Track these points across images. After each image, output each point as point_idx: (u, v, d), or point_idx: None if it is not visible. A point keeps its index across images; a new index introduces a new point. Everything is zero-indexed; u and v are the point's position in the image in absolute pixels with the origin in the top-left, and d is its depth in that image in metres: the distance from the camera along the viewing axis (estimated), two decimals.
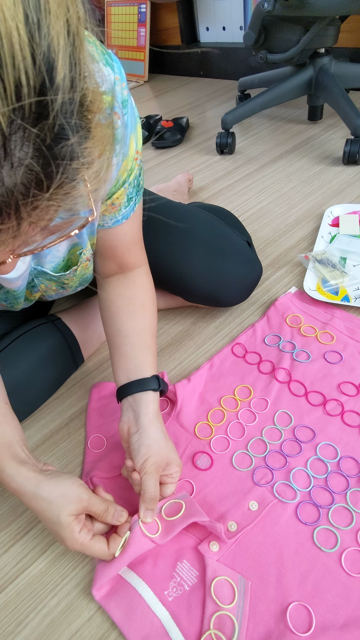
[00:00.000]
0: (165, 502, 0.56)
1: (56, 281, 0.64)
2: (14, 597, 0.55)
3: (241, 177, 1.37)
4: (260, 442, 0.65)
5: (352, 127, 1.24)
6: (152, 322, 0.65)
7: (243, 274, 0.81)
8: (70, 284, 0.66)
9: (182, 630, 0.48)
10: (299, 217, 1.13)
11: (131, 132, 0.52)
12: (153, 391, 0.59)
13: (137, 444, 0.56)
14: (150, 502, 0.54)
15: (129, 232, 0.62)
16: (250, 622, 0.48)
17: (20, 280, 0.58)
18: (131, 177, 0.56)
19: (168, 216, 0.81)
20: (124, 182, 0.56)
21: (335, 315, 0.82)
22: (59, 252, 0.58)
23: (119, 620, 0.50)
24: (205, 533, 0.55)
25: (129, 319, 0.64)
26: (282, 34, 1.31)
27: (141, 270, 0.67)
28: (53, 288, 0.66)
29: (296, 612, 0.49)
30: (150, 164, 1.57)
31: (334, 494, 0.58)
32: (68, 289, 0.69)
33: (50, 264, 0.60)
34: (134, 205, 0.60)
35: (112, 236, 0.62)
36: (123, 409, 0.60)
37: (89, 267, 0.66)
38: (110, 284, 0.67)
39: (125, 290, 0.66)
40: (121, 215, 0.59)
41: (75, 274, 0.63)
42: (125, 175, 0.55)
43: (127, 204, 0.59)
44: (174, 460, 0.58)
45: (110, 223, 0.59)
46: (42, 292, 0.68)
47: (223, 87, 2.14)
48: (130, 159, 0.54)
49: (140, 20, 2.33)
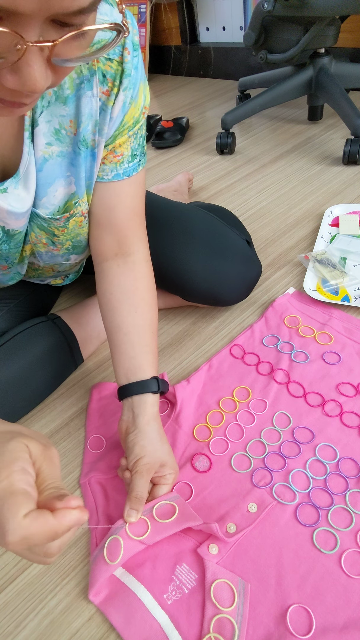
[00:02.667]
0: (157, 502, 0.56)
1: (47, 229, 0.61)
2: (14, 597, 0.55)
3: (241, 177, 1.37)
4: (259, 444, 0.65)
5: (352, 127, 1.24)
6: (152, 317, 0.65)
7: (242, 272, 0.80)
8: (60, 239, 0.63)
9: (181, 633, 0.48)
10: (299, 217, 1.13)
11: (141, 79, 0.55)
12: (152, 393, 0.60)
13: (132, 443, 0.57)
14: (135, 501, 0.53)
15: (129, 195, 0.62)
16: (250, 625, 0.48)
17: (24, 219, 0.57)
18: (136, 127, 0.57)
19: (168, 215, 0.81)
20: (129, 129, 0.57)
21: (334, 316, 0.82)
22: (55, 198, 0.57)
23: (119, 625, 0.50)
24: (204, 536, 0.55)
25: (129, 314, 0.63)
26: (282, 34, 1.31)
27: (141, 255, 0.66)
28: (43, 241, 0.63)
29: (296, 614, 0.49)
30: (150, 164, 1.57)
31: (333, 495, 0.58)
32: (58, 247, 0.65)
33: (46, 209, 0.58)
34: (137, 165, 0.60)
35: (112, 194, 0.61)
36: (124, 408, 0.61)
37: (83, 227, 0.63)
38: (109, 272, 0.65)
39: (124, 281, 0.64)
40: (122, 170, 0.59)
41: (67, 224, 0.61)
42: (132, 122, 0.56)
43: (130, 159, 0.59)
44: (169, 462, 0.58)
45: (110, 176, 0.59)
46: (32, 245, 0.64)
47: (223, 87, 2.14)
48: (138, 108, 0.56)
49: (140, 20, 2.33)
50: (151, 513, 0.55)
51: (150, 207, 0.71)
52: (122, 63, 0.51)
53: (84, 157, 0.55)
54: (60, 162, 0.54)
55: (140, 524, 0.54)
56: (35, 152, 0.52)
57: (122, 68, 0.51)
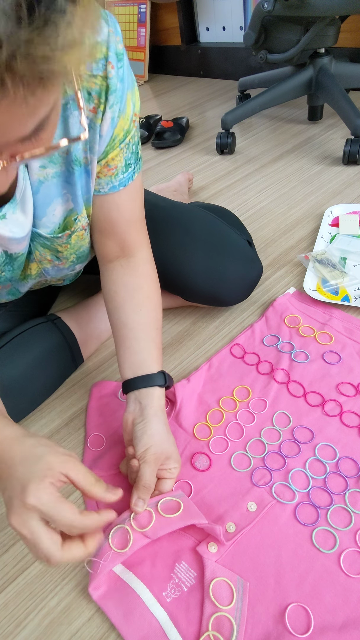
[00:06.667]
0: (161, 498, 0.56)
1: (50, 247, 0.61)
2: (14, 597, 0.55)
3: (241, 177, 1.37)
4: (258, 443, 0.65)
5: (352, 127, 1.24)
6: (157, 315, 0.66)
7: (243, 272, 0.81)
8: (65, 254, 0.64)
9: (180, 631, 0.48)
10: (299, 217, 1.13)
11: (128, 89, 0.53)
12: (159, 387, 0.60)
13: (140, 432, 0.57)
14: (143, 490, 0.54)
15: (128, 205, 0.61)
16: (249, 623, 0.48)
17: (25, 242, 0.57)
18: (128, 137, 0.56)
19: (168, 216, 0.81)
20: (120, 142, 0.55)
21: (334, 316, 0.82)
22: (54, 216, 0.58)
23: (117, 622, 0.50)
24: (203, 534, 0.55)
25: (134, 313, 0.63)
26: (282, 34, 1.31)
27: (144, 255, 0.66)
28: (48, 258, 0.64)
29: (295, 613, 0.49)
30: (150, 164, 1.57)
31: (333, 495, 0.58)
32: (64, 262, 0.66)
33: (47, 228, 0.59)
34: (133, 173, 0.60)
35: (110, 206, 0.60)
36: (129, 401, 0.61)
37: (84, 238, 0.64)
38: (113, 272, 0.66)
39: (129, 280, 0.65)
40: (118, 181, 0.58)
41: (69, 240, 0.61)
42: (122, 134, 0.55)
43: (124, 169, 0.58)
44: (174, 455, 0.58)
45: (106, 188, 0.59)
46: (37, 263, 0.65)
47: (223, 87, 2.14)
48: (127, 119, 0.54)
49: (140, 20, 2.33)
50: (156, 507, 0.55)
51: (150, 207, 0.71)
52: (106, 78, 0.49)
53: (79, 175, 0.55)
54: (56, 183, 0.54)
55: (144, 516, 0.55)
56: (31, 176, 0.52)
57: (106, 84, 0.49)
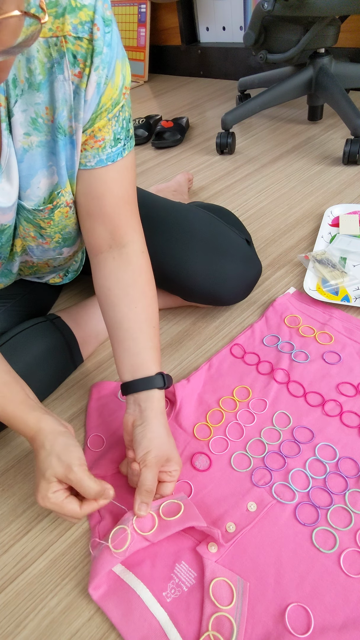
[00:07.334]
0: (163, 501, 0.56)
1: (33, 221, 0.60)
2: (14, 597, 0.55)
3: (241, 177, 1.37)
4: (258, 443, 0.65)
5: (352, 127, 1.24)
6: (153, 311, 0.64)
7: (242, 272, 0.80)
8: (48, 232, 0.62)
9: (180, 631, 0.48)
10: (299, 217, 1.13)
11: (118, 57, 0.51)
12: (158, 389, 0.60)
13: (140, 436, 0.57)
14: (146, 494, 0.54)
15: (117, 182, 0.59)
16: (249, 623, 0.48)
17: (12, 213, 0.57)
18: (116, 109, 0.54)
19: (167, 215, 0.81)
20: (108, 112, 0.54)
21: (334, 316, 0.82)
22: (39, 189, 0.57)
23: (117, 622, 0.50)
24: (203, 534, 0.55)
25: (129, 310, 0.62)
26: (282, 34, 1.31)
27: (137, 247, 0.64)
28: (31, 234, 0.62)
29: (295, 613, 0.49)
30: (150, 164, 1.57)
31: (333, 495, 0.58)
32: (48, 240, 0.64)
33: (31, 201, 0.58)
34: (123, 149, 0.58)
35: (98, 182, 0.58)
36: (128, 403, 0.61)
37: (70, 217, 0.62)
38: (105, 266, 0.63)
39: (122, 275, 0.63)
40: (106, 155, 0.57)
41: (52, 216, 0.60)
42: (110, 104, 0.53)
43: (113, 143, 0.56)
44: (174, 457, 0.58)
45: (93, 162, 0.57)
46: (21, 239, 0.63)
47: (223, 87, 2.14)
48: (116, 88, 0.53)
49: (140, 20, 2.33)
50: (158, 510, 0.55)
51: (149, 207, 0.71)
52: (92, 41, 0.48)
53: (63, 145, 0.54)
54: (40, 152, 0.53)
55: (147, 519, 0.55)
56: (15, 143, 0.51)
57: (92, 46, 0.48)
